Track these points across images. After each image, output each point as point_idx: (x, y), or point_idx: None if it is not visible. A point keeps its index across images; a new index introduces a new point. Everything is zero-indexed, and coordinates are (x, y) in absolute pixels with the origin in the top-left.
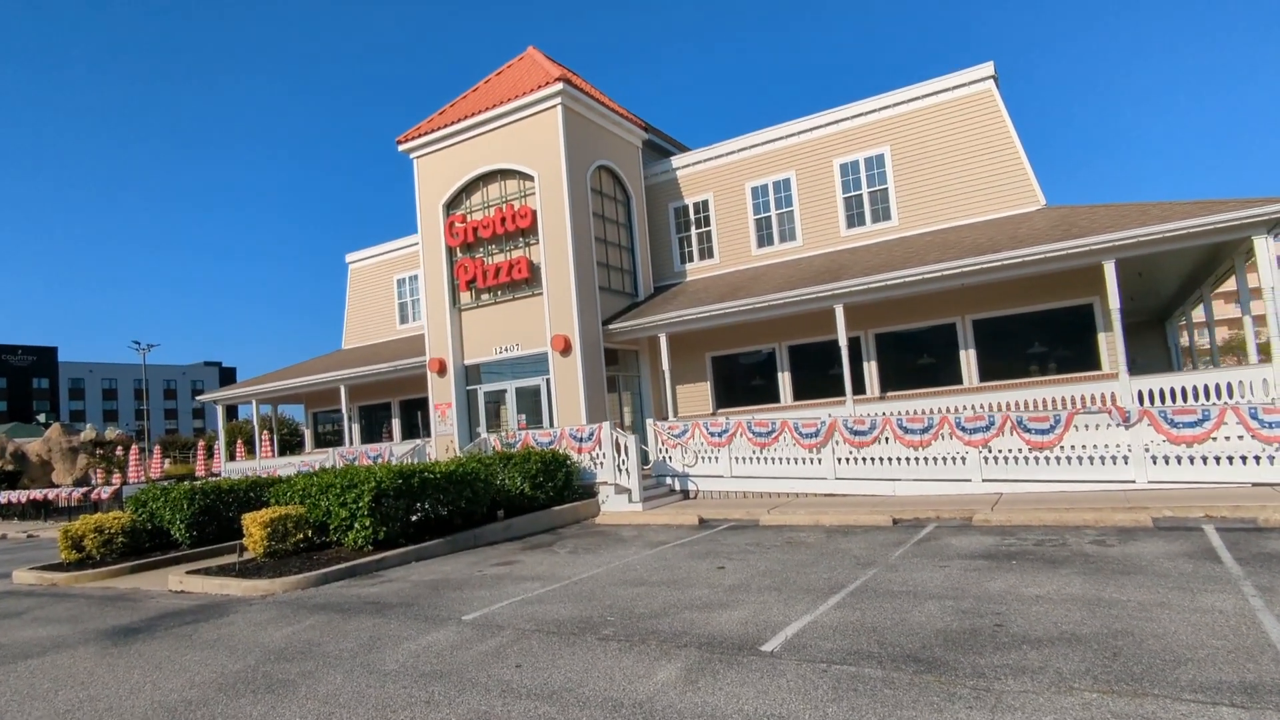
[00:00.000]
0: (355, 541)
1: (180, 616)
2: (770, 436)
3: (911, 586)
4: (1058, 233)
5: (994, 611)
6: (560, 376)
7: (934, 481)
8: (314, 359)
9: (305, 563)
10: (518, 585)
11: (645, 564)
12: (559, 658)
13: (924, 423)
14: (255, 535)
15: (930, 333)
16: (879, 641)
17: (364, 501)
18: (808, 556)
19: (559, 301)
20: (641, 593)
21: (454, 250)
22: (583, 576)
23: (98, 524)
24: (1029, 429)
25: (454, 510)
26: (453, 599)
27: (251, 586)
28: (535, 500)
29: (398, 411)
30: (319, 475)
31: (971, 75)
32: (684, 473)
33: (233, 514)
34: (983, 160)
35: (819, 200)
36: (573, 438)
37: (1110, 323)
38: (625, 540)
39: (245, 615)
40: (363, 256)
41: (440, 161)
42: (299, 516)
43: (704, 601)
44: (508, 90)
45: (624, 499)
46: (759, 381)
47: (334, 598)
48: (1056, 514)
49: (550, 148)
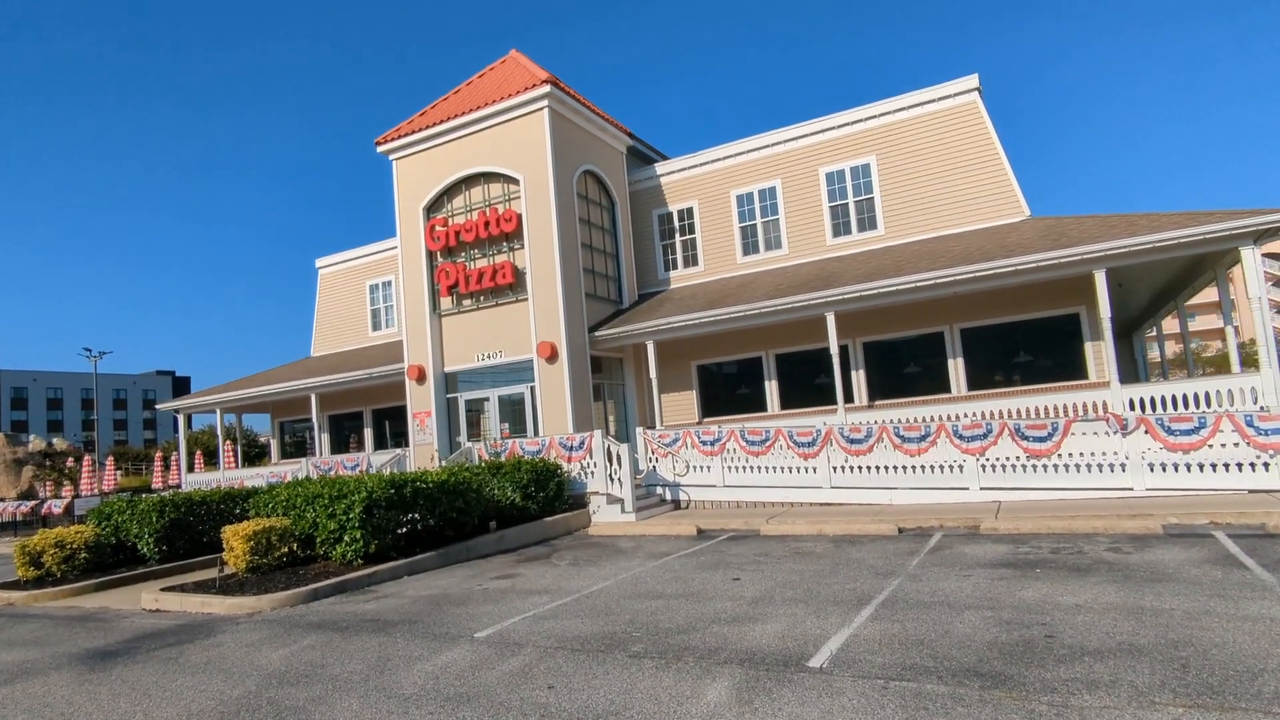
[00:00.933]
0: (344, 555)
1: (161, 638)
2: (764, 445)
3: (942, 597)
4: (1047, 242)
5: (1039, 622)
6: (546, 384)
7: (931, 490)
8: (281, 366)
9: (291, 578)
10: (524, 600)
11: (654, 576)
12: (593, 677)
13: (921, 430)
14: (237, 549)
15: (918, 341)
16: (931, 655)
17: (355, 513)
18: (822, 567)
19: (545, 308)
20: (660, 606)
21: (434, 254)
22: (592, 590)
23: (59, 538)
24: (1027, 437)
25: (445, 521)
26: (458, 615)
27: (236, 604)
28: (526, 511)
29: (370, 421)
30: (303, 485)
31: (957, 87)
32: (675, 482)
33: (205, 527)
34: (968, 171)
35: (805, 209)
36: (562, 446)
37: (1099, 331)
38: (625, 552)
39: (234, 635)
40: (333, 261)
41: (421, 164)
42: (283, 529)
43: (730, 615)
44: (492, 92)
45: (616, 509)
46: (745, 390)
47: (328, 615)
48: (1064, 521)
49: (536, 151)
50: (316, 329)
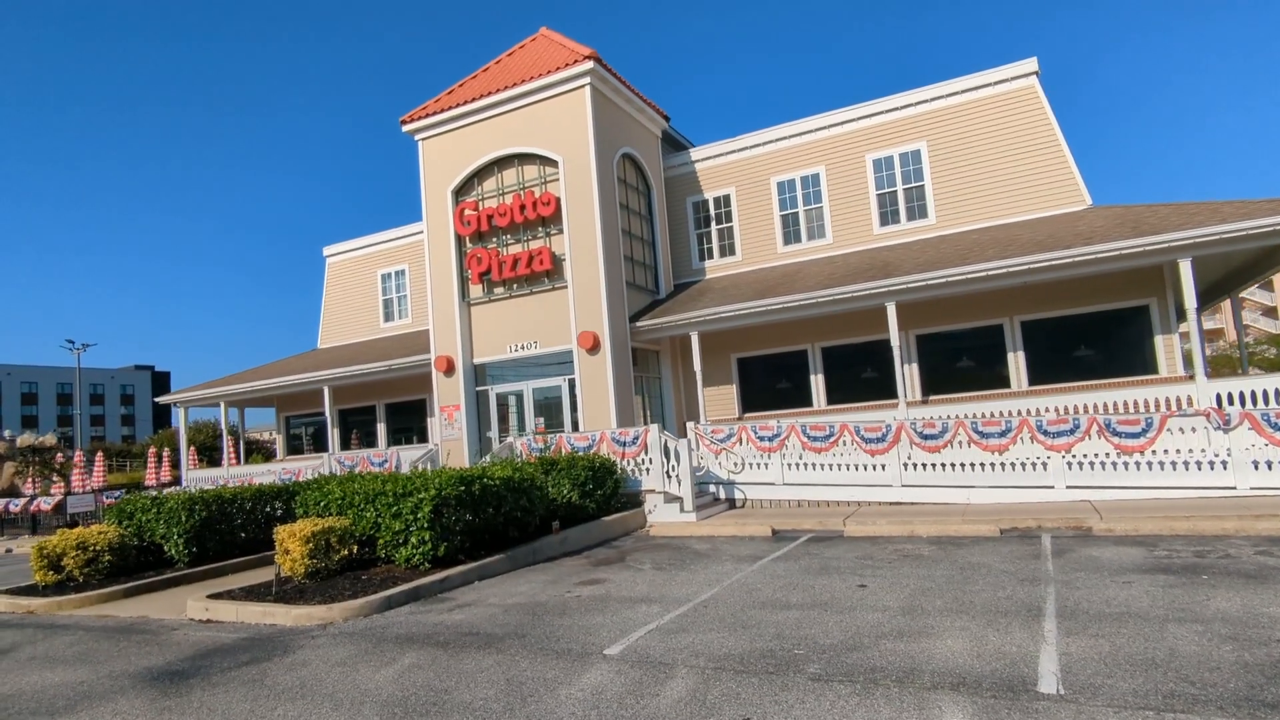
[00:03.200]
0: (409, 558)
1: (230, 655)
2: (827, 441)
3: (1120, 607)
4: (1126, 229)
5: (1272, 639)
6: (587, 377)
7: (1012, 489)
8: (289, 358)
9: (355, 584)
10: (632, 609)
11: (762, 583)
12: (790, 707)
13: (1001, 426)
14: (295, 552)
15: (976, 334)
16: (1181, 678)
17: (424, 512)
18: (948, 572)
19: (586, 296)
20: (799, 618)
21: (463, 240)
22: (703, 598)
23: (80, 539)
24: (1118, 432)
25: (509, 521)
26: (567, 628)
27: (304, 614)
28: (583, 510)
29: (383, 415)
30: (360, 481)
31: (1014, 70)
32: (729, 480)
33: (238, 525)
34: (1026, 158)
35: (851, 196)
36: (615, 442)
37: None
38: (704, 554)
39: (316, 652)
40: (342, 250)
41: (449, 144)
42: (343, 530)
43: (891, 629)
44: (525, 70)
45: (674, 509)
46: (787, 384)
47: (414, 627)
48: (1185, 522)
49: (577, 131)
50: (324, 320)
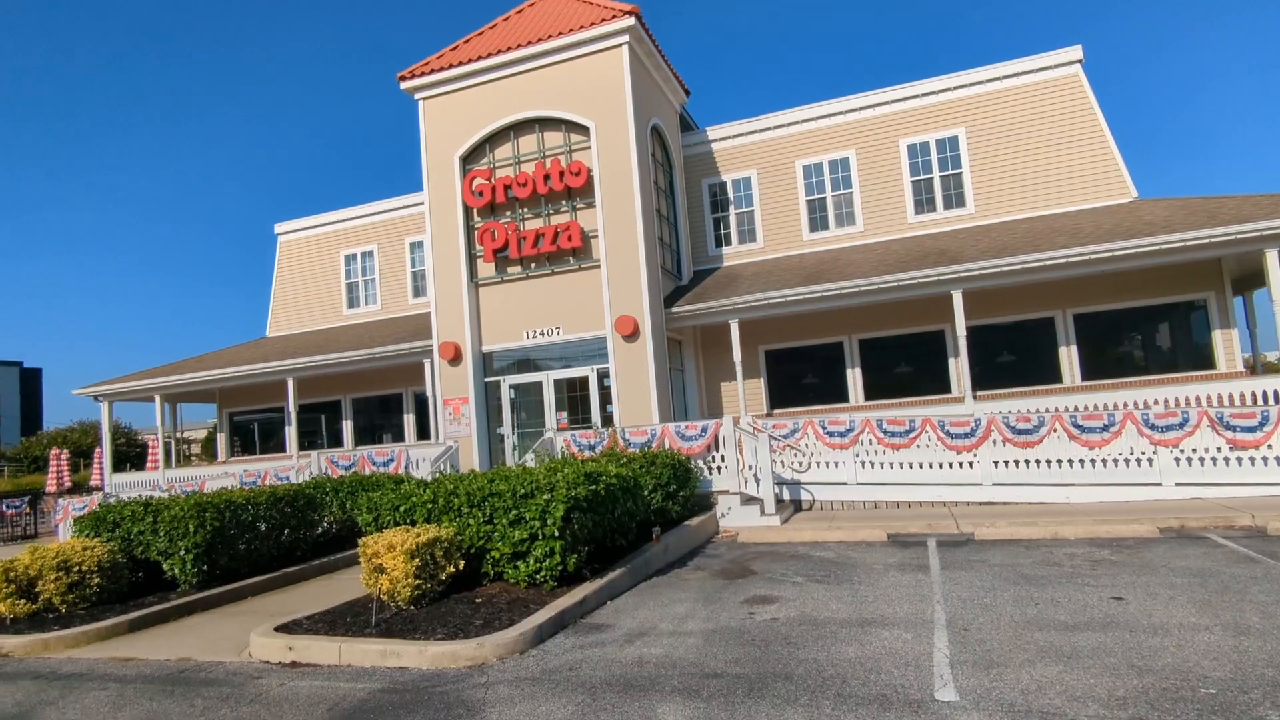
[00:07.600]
0: (535, 574)
1: (388, 716)
2: (908, 436)
3: None
4: (1201, 219)
5: None
6: (624, 366)
7: (1115, 486)
8: (235, 347)
9: (474, 610)
10: (872, 636)
11: (980, 596)
12: None
13: (1104, 420)
14: (396, 570)
15: (1023, 327)
16: None
17: (555, 517)
18: (1185, 580)
19: (623, 277)
20: (1111, 643)
21: (472, 212)
22: (943, 619)
23: (60, 558)
24: (1232, 426)
25: (615, 528)
26: (823, 663)
27: (443, 653)
28: (668, 514)
29: (349, 411)
30: (463, 481)
31: (1058, 58)
32: (794, 479)
33: (263, 534)
34: (1070, 148)
35: (883, 183)
36: (679, 436)
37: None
38: (843, 564)
39: (508, 710)
40: (298, 228)
41: (455, 105)
42: (449, 541)
43: (1263, 656)
44: (547, 25)
45: (753, 511)
46: (819, 379)
47: (602, 668)
48: None
49: (613, 93)
50: (274, 306)
